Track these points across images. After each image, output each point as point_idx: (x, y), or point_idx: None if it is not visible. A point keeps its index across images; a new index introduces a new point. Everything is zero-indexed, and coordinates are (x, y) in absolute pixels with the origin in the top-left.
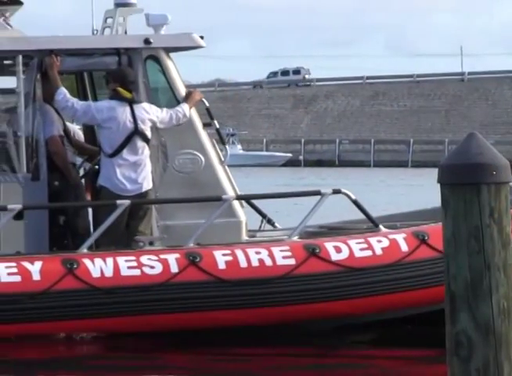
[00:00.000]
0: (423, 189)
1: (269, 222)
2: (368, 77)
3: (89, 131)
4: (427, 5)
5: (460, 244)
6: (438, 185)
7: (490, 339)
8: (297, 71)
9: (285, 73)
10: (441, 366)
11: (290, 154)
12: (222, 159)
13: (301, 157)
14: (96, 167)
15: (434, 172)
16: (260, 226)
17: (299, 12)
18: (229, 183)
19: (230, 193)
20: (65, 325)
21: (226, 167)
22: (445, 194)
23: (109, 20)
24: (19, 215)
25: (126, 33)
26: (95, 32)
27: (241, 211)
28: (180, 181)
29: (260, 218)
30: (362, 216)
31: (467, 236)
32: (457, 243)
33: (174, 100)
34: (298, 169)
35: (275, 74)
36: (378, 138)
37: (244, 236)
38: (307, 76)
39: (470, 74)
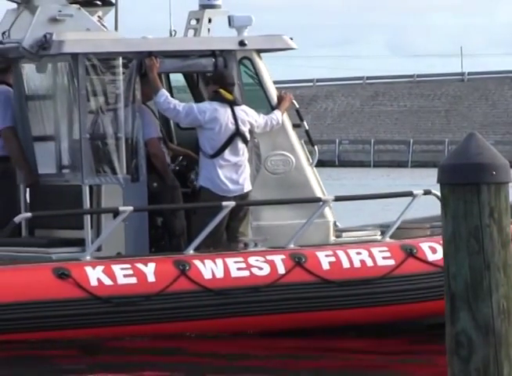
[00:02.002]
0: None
1: None
2: (368, 78)
3: (166, 130)
4: (427, 5)
5: (460, 243)
6: (438, 185)
7: (490, 339)
8: None
9: None
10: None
11: None
12: (311, 160)
13: None
14: (177, 168)
15: (434, 172)
16: None
17: (298, 12)
18: (318, 184)
19: (319, 194)
20: (179, 326)
21: (314, 168)
22: (444, 194)
23: (193, 22)
24: (116, 216)
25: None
26: (173, 33)
27: (329, 211)
28: (271, 182)
29: None
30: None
31: (467, 236)
32: (457, 243)
33: (266, 102)
34: None
35: None
36: (378, 138)
37: (332, 237)
38: None
39: (470, 74)
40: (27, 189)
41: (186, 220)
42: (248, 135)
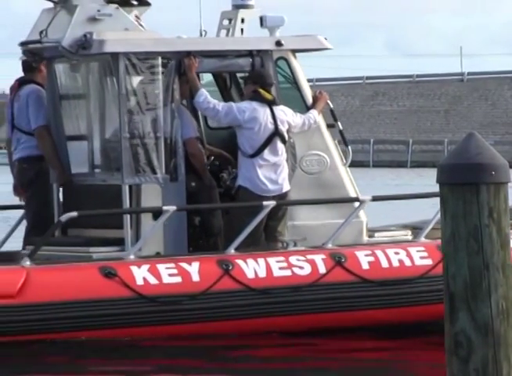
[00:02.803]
0: (423, 189)
1: None
2: (368, 77)
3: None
4: (426, 5)
5: (459, 243)
6: (438, 185)
7: (489, 339)
8: None
9: None
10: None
11: None
12: (344, 160)
13: None
14: (209, 167)
15: (433, 172)
16: None
17: (298, 11)
18: (351, 184)
19: (353, 193)
20: (223, 325)
21: (347, 168)
22: (444, 194)
23: (225, 22)
24: (156, 215)
25: (242, 32)
26: (203, 33)
27: (362, 211)
28: (306, 182)
29: None
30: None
31: (466, 236)
32: (456, 243)
33: (301, 101)
34: None
35: None
36: (377, 138)
37: (365, 236)
38: None
39: (469, 74)
40: (60, 189)
41: None
42: (286, 135)
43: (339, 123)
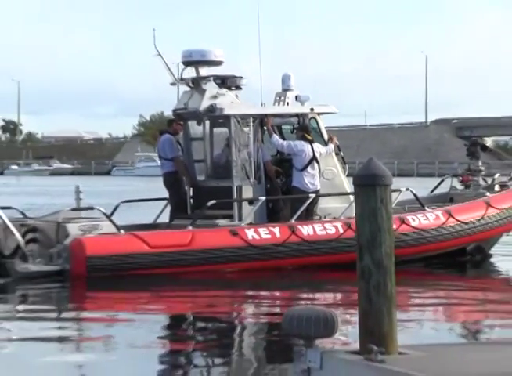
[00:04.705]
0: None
1: None
2: None
3: None
4: (343, 86)
5: (365, 217)
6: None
7: (381, 270)
8: None
9: None
10: None
11: None
12: (344, 172)
13: None
14: None
15: (350, 179)
16: None
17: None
18: (348, 185)
19: (349, 190)
20: (291, 261)
21: (346, 176)
22: (356, 191)
23: (277, 98)
24: (250, 202)
25: (288, 104)
26: (263, 104)
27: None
28: (325, 184)
29: None
30: None
31: (368, 214)
32: (364, 217)
33: (322, 141)
34: None
35: None
36: None
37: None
38: None
39: (370, 125)
40: (191, 189)
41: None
42: (319, 159)
43: (341, 152)
